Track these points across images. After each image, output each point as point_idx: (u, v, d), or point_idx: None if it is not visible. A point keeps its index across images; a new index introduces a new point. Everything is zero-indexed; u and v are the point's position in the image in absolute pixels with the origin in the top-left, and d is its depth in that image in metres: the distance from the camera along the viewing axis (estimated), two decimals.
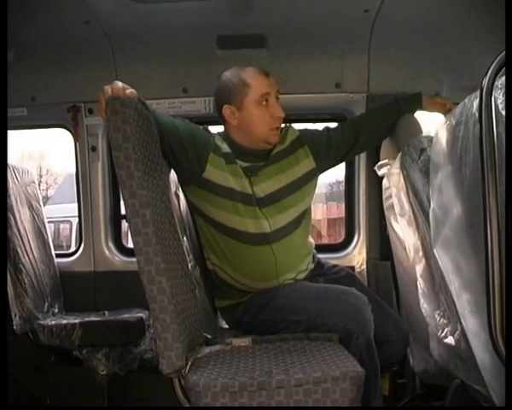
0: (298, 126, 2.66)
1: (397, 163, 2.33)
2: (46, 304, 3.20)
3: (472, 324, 1.75)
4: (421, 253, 2.19)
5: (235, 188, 2.37)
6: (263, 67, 2.44)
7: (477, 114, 1.60)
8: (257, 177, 2.42)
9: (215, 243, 2.42)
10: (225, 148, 2.42)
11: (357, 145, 2.63)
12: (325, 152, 2.56)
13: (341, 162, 2.74)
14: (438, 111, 2.72)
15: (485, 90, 1.55)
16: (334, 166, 2.67)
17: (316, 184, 2.58)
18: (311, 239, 2.58)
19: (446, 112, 2.60)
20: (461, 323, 1.88)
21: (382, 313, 2.37)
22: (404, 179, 2.23)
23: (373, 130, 2.66)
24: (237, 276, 2.40)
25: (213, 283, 2.50)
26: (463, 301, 1.79)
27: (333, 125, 2.67)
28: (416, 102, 2.71)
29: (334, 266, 2.63)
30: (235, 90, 2.39)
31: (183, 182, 2.45)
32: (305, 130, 2.63)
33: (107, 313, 3.22)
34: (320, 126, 2.68)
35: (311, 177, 2.54)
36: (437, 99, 2.79)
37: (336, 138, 2.58)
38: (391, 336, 2.36)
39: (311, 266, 2.52)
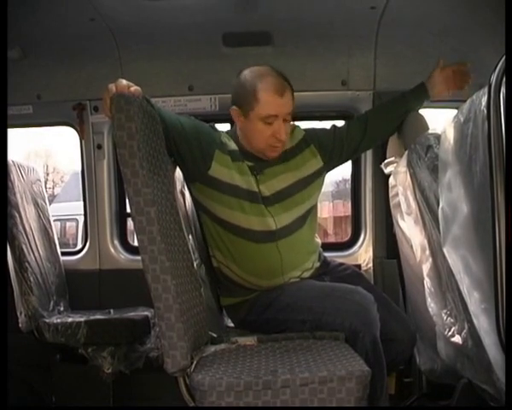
0: (304, 124, 2.65)
1: (403, 161, 2.32)
2: (51, 302, 3.20)
3: (484, 322, 1.73)
4: (427, 251, 2.18)
5: (240, 185, 2.36)
6: (283, 83, 2.33)
7: (485, 111, 1.59)
8: (263, 175, 2.41)
9: (220, 241, 2.41)
10: (232, 145, 2.41)
11: (364, 141, 2.59)
12: (332, 150, 2.54)
13: (349, 160, 2.71)
14: (447, 87, 2.67)
15: (493, 86, 1.54)
16: (342, 163, 2.65)
17: (323, 183, 2.56)
18: (317, 238, 2.57)
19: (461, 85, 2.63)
20: (468, 322, 1.87)
21: (389, 312, 2.35)
22: (411, 177, 2.22)
23: (380, 125, 2.62)
24: (242, 273, 2.39)
25: (219, 280, 2.49)
26: (475, 300, 1.78)
27: (339, 123, 2.66)
28: (421, 90, 2.65)
29: (341, 264, 2.62)
30: (245, 98, 2.33)
31: (188, 179, 2.44)
32: (311, 129, 2.61)
33: (112, 311, 3.22)
34: (326, 124, 2.66)
35: (318, 175, 2.52)
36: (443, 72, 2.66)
37: (342, 136, 2.55)
38: (397, 335, 2.34)
39: (317, 264, 2.51)
